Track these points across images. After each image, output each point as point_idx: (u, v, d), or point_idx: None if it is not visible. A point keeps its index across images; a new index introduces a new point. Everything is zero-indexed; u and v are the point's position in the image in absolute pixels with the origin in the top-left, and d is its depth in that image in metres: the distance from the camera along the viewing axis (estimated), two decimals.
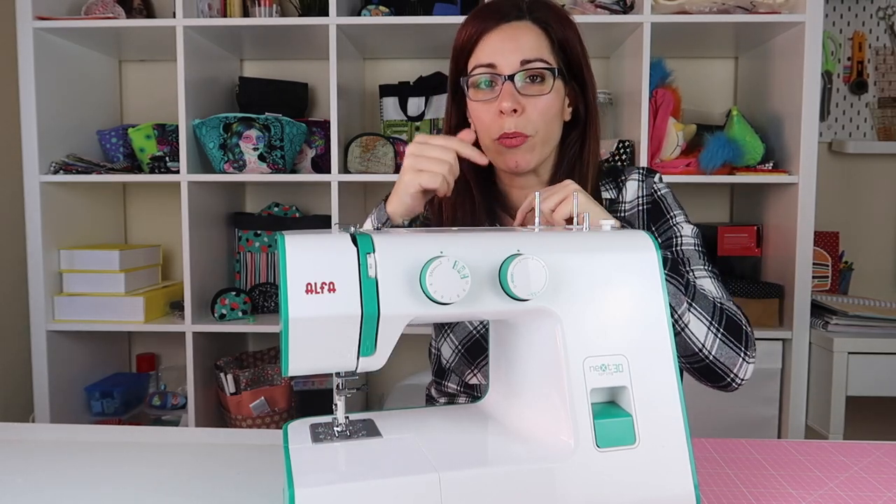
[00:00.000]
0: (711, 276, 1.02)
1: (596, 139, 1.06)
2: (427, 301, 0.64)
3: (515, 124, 0.97)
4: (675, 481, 0.66)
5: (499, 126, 0.99)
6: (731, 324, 0.94)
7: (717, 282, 1.03)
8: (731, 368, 0.93)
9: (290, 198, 2.32)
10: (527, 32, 0.99)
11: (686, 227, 1.06)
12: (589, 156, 1.05)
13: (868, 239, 2.28)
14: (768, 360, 1.90)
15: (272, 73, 2.27)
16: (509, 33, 0.99)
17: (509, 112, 0.97)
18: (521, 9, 1.00)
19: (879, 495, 0.76)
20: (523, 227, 0.82)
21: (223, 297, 2.00)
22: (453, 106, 1.08)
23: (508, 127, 0.98)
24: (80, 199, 2.11)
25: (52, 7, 1.95)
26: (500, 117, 0.98)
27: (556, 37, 1.00)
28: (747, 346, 0.94)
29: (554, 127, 1.02)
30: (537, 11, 1.00)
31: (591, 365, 0.67)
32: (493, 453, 0.69)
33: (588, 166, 1.04)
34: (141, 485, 0.79)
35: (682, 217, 1.07)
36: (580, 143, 1.06)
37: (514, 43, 0.98)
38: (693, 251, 1.04)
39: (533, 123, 0.98)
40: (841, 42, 2.25)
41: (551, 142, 1.03)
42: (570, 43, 1.01)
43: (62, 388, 2.01)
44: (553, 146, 1.04)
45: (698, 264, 1.03)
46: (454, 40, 1.04)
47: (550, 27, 1.00)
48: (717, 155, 1.85)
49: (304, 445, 0.69)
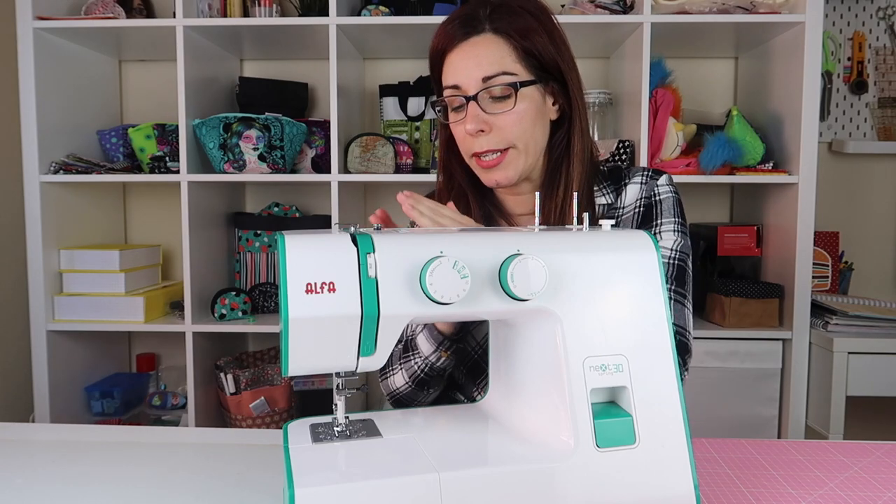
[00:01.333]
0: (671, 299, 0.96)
1: (582, 135, 1.02)
2: (427, 301, 0.64)
3: (486, 143, 0.98)
4: (675, 481, 0.66)
5: (470, 145, 1.00)
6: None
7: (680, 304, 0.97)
8: None
9: (290, 198, 2.32)
10: (486, 46, 0.96)
11: (668, 239, 1.01)
12: (574, 154, 1.02)
13: (868, 239, 2.28)
14: (768, 360, 1.90)
15: (272, 73, 2.27)
16: (468, 51, 0.97)
17: (475, 133, 0.97)
18: (482, 19, 0.97)
19: (879, 495, 0.76)
20: (523, 228, 0.82)
21: (223, 297, 2.00)
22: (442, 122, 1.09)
23: (480, 146, 0.98)
24: (80, 199, 2.11)
25: (52, 7, 1.95)
26: (470, 137, 0.99)
27: (520, 44, 0.96)
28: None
29: (535, 133, 0.99)
30: (498, 21, 0.97)
31: (591, 365, 0.67)
32: (493, 453, 0.69)
33: (574, 164, 1.01)
34: (141, 485, 0.79)
35: (670, 227, 1.02)
36: (566, 141, 1.03)
37: (475, 59, 0.96)
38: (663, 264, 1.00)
39: (506, 137, 0.98)
40: (841, 42, 2.25)
41: (535, 149, 1.00)
42: (538, 46, 0.97)
43: (62, 388, 2.01)
44: (538, 153, 1.02)
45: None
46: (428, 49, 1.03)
47: (512, 36, 0.96)
48: (717, 155, 1.85)
49: (304, 445, 0.69)
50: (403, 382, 1.04)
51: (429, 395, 1.06)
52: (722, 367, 1.90)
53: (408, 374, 1.03)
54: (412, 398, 1.06)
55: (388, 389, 1.07)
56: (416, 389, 1.04)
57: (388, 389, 1.08)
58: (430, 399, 1.08)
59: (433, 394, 1.07)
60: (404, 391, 1.05)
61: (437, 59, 1.02)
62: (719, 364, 1.90)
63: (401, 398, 1.06)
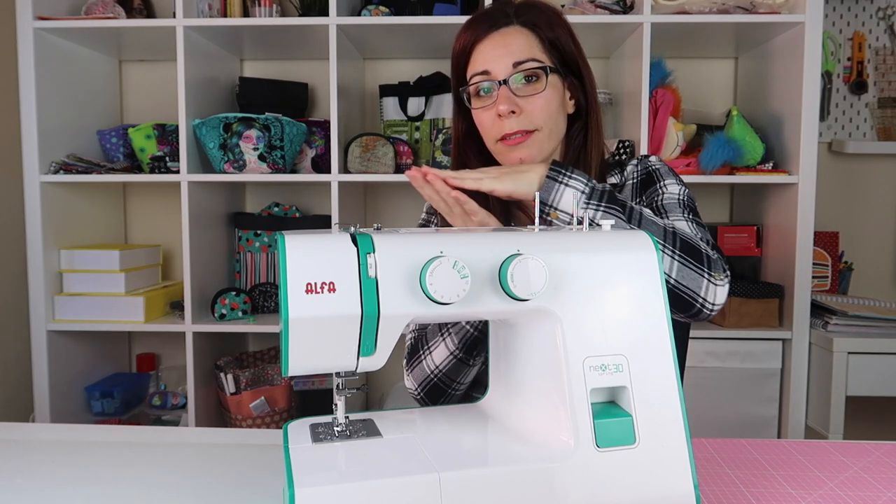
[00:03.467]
0: (689, 221, 1.00)
1: (597, 129, 1.08)
2: (427, 301, 0.64)
3: (517, 124, 1.01)
4: (675, 481, 0.66)
5: (499, 128, 1.02)
6: (686, 246, 0.90)
7: (697, 226, 1.00)
8: (698, 292, 0.89)
9: (290, 198, 2.32)
10: (516, 36, 1.02)
11: (673, 187, 1.05)
12: (592, 145, 1.07)
13: (868, 239, 2.28)
14: (768, 360, 1.90)
15: (272, 73, 2.27)
16: (499, 40, 1.02)
17: (507, 114, 1.01)
18: (509, 14, 1.04)
19: (879, 495, 0.76)
20: (524, 228, 0.82)
21: (223, 297, 2.00)
22: (459, 115, 1.11)
23: (510, 128, 1.01)
24: (80, 199, 2.11)
25: (52, 7, 1.95)
26: (499, 120, 1.02)
27: (546, 36, 1.03)
28: (710, 268, 0.90)
29: (558, 120, 1.04)
30: (524, 14, 1.03)
31: (591, 365, 0.67)
32: (493, 453, 0.69)
33: (591, 155, 1.07)
34: (141, 485, 0.79)
35: (672, 181, 1.06)
36: (583, 133, 1.08)
37: (505, 48, 1.01)
38: (674, 203, 1.02)
39: (534, 120, 1.01)
40: (841, 42, 2.25)
41: (557, 135, 1.05)
42: (561, 40, 1.04)
43: (62, 388, 2.01)
44: (559, 139, 1.06)
45: (676, 212, 1.01)
46: (452, 50, 1.08)
47: (539, 28, 1.03)
48: (717, 155, 1.85)
49: (304, 445, 0.69)
50: (448, 353, 1.02)
51: (472, 368, 1.03)
52: (722, 367, 1.90)
53: (457, 338, 1.01)
54: (452, 377, 1.03)
55: (424, 374, 1.05)
56: (463, 358, 1.01)
57: (422, 376, 1.05)
58: (468, 380, 1.05)
59: (474, 368, 1.04)
60: (447, 365, 1.02)
61: (464, 53, 1.05)
62: (719, 364, 1.90)
63: (439, 380, 1.04)
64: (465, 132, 1.10)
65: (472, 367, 1.04)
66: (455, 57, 1.07)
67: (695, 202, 1.06)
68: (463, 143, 1.11)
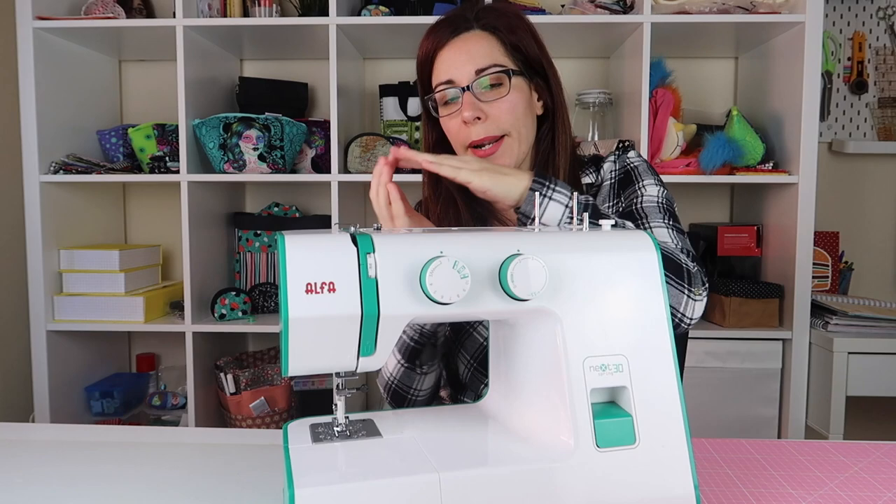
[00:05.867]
0: (669, 228, 1.00)
1: (564, 129, 1.07)
2: (427, 301, 0.64)
3: (483, 130, 1.01)
4: (675, 481, 0.66)
5: (466, 135, 1.02)
6: (668, 262, 0.89)
7: (677, 233, 1.00)
8: (678, 308, 0.89)
9: (290, 198, 2.32)
10: (477, 41, 1.02)
11: (652, 189, 1.04)
12: (560, 146, 1.06)
13: (868, 239, 2.28)
14: (768, 360, 1.90)
15: (272, 73, 2.27)
16: (460, 46, 1.02)
17: (472, 121, 1.00)
18: (469, 19, 1.03)
19: (879, 495, 0.76)
20: (524, 228, 0.82)
21: (223, 297, 2.00)
22: (429, 124, 1.10)
23: (477, 134, 1.01)
24: (80, 199, 2.11)
25: (52, 7, 1.95)
26: (466, 127, 1.01)
27: (508, 39, 1.02)
28: (690, 283, 0.89)
29: (527, 123, 1.04)
30: (485, 18, 1.03)
31: (591, 365, 0.67)
32: (493, 453, 0.69)
33: (560, 156, 1.06)
34: (141, 485, 0.79)
35: (651, 181, 1.05)
36: (551, 134, 1.07)
37: (467, 55, 1.01)
38: (653, 207, 1.02)
39: (500, 125, 1.01)
40: (841, 42, 2.25)
41: (528, 138, 1.04)
42: (524, 41, 1.03)
43: (62, 388, 2.01)
44: (530, 142, 1.06)
45: (657, 218, 1.00)
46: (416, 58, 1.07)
47: (500, 31, 1.02)
48: (717, 155, 1.85)
49: (304, 445, 0.69)
50: (395, 363, 1.05)
51: (423, 376, 1.06)
52: (722, 367, 1.90)
53: (398, 349, 1.03)
54: (407, 384, 1.06)
55: (383, 381, 1.08)
56: (408, 368, 1.04)
57: (382, 382, 1.08)
58: (426, 387, 1.07)
59: (427, 375, 1.06)
60: (397, 374, 1.05)
61: (426, 61, 1.05)
62: (719, 364, 1.90)
63: (396, 387, 1.06)
64: (436, 140, 1.10)
65: (421, 374, 1.06)
66: (419, 65, 1.06)
67: (674, 204, 1.05)
68: (435, 151, 1.10)
